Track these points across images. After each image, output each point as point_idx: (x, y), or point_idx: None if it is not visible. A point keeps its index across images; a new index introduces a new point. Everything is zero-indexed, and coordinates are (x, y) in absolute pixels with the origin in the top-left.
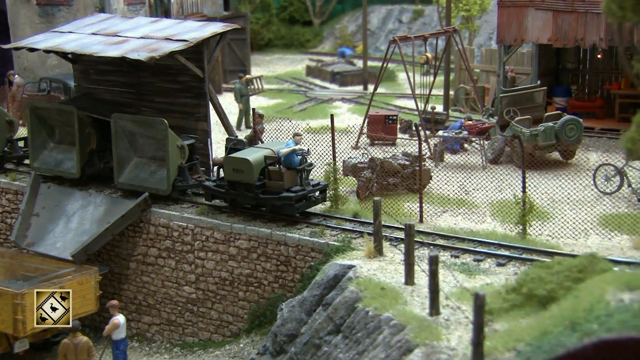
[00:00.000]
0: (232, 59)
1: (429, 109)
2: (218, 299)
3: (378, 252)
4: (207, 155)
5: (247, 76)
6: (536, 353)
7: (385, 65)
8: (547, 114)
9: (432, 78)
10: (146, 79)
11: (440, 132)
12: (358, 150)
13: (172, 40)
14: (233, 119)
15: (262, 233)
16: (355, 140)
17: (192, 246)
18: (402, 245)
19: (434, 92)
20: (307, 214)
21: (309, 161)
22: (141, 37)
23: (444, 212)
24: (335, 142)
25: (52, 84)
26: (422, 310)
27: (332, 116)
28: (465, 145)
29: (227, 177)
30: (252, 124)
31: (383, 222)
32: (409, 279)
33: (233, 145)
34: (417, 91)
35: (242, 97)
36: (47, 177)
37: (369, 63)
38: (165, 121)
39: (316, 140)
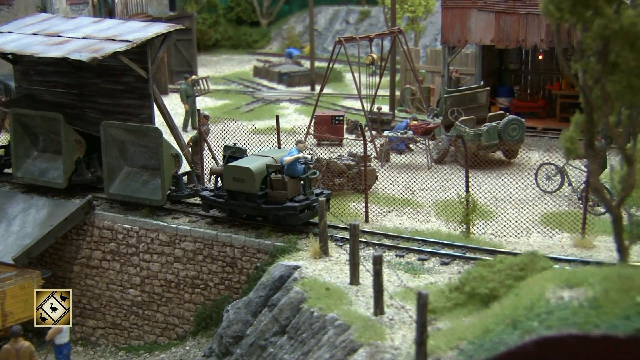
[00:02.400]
0: (179, 59)
1: (375, 109)
2: (164, 301)
3: (323, 252)
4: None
5: (193, 77)
6: (478, 351)
7: (331, 66)
8: (490, 114)
9: (378, 79)
10: (89, 79)
11: (386, 133)
12: (305, 151)
13: (114, 40)
14: (179, 120)
15: (208, 235)
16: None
17: (137, 248)
18: (348, 246)
19: (380, 92)
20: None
21: (312, 169)
22: (83, 38)
23: (389, 212)
24: (282, 142)
25: None
26: (366, 310)
27: (277, 117)
28: (411, 146)
29: (227, 187)
30: (197, 125)
31: (329, 223)
32: (354, 279)
33: (231, 153)
34: (363, 92)
35: (188, 98)
36: (31, 187)
37: (316, 64)
38: (160, 129)
39: (262, 141)
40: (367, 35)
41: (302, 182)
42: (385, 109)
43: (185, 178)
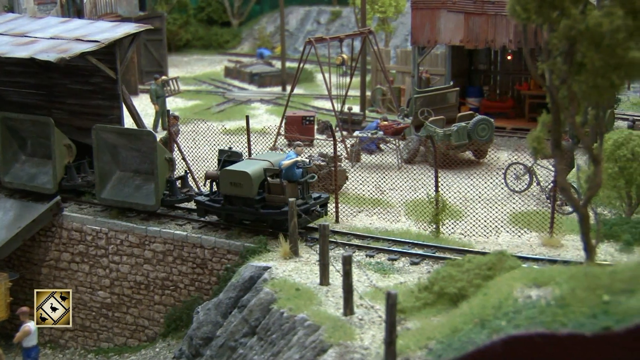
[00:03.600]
0: (149, 60)
1: (345, 109)
2: (133, 303)
3: (294, 253)
4: None
5: (163, 77)
6: (447, 350)
7: (301, 66)
8: (460, 114)
9: (348, 79)
10: (57, 80)
11: (357, 133)
12: (276, 152)
13: (83, 41)
14: (149, 121)
15: (178, 236)
16: (273, 141)
17: (106, 250)
18: (318, 246)
19: (350, 93)
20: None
21: (310, 173)
22: (51, 38)
23: (359, 212)
24: (253, 143)
25: None
26: (336, 311)
27: (247, 117)
28: (382, 146)
29: (224, 191)
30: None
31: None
32: (324, 279)
33: (227, 157)
34: (334, 92)
35: (158, 99)
36: (19, 192)
37: (288, 64)
38: (154, 133)
39: (232, 141)
40: (338, 35)
41: (300, 186)
42: (356, 109)
43: (179, 182)
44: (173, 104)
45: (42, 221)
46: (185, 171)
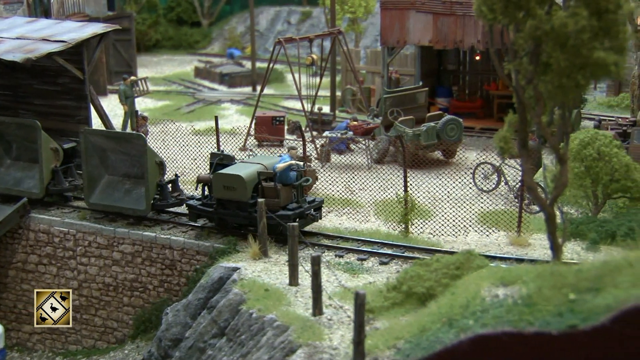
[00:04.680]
0: (118, 60)
1: (315, 110)
2: (102, 305)
3: (263, 253)
4: None
5: (132, 78)
6: (415, 350)
7: (271, 66)
8: (429, 114)
9: (318, 79)
10: (24, 80)
11: (326, 133)
12: (245, 152)
13: (49, 41)
14: (119, 122)
15: (147, 237)
16: (243, 141)
17: (74, 252)
18: (287, 247)
19: (321, 93)
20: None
21: (305, 177)
22: (17, 38)
23: (329, 212)
24: (223, 143)
25: None
26: (305, 311)
27: (216, 117)
28: (352, 146)
29: (217, 195)
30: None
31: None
32: (293, 279)
33: (219, 160)
34: (304, 92)
35: (127, 99)
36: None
37: (258, 64)
38: (144, 136)
39: (202, 142)
40: (307, 36)
41: (294, 189)
42: (326, 109)
43: (169, 186)
44: (142, 104)
45: (9, 223)
46: (176, 175)
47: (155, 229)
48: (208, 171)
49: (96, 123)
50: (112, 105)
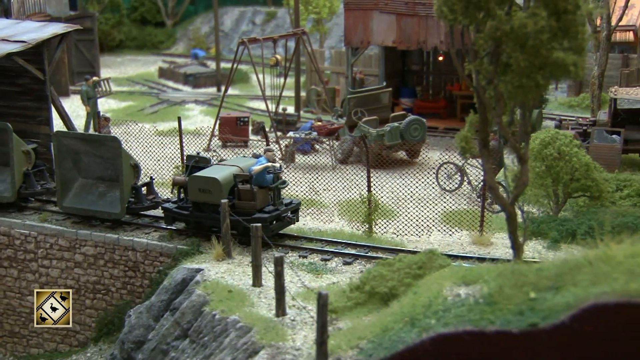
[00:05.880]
0: (80, 60)
1: (280, 110)
2: None
3: (226, 254)
4: (51, 161)
5: (95, 78)
6: (377, 350)
7: (235, 67)
8: (393, 114)
9: (283, 80)
10: None
11: (291, 133)
12: (209, 153)
13: (9, 41)
14: (81, 122)
15: (109, 239)
16: (207, 142)
17: (35, 254)
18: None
19: (285, 93)
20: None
21: (282, 179)
22: None
23: None
24: (187, 144)
25: None
26: (268, 312)
27: (179, 118)
28: (316, 146)
29: (193, 198)
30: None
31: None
32: (257, 280)
33: (195, 163)
34: (269, 93)
35: (89, 100)
36: None
37: (223, 65)
38: (119, 139)
39: (165, 142)
40: (271, 36)
41: (270, 192)
42: (291, 109)
43: (144, 189)
44: (106, 105)
45: None
46: (151, 177)
47: (119, 231)
48: (182, 174)
49: (57, 124)
50: (75, 106)
